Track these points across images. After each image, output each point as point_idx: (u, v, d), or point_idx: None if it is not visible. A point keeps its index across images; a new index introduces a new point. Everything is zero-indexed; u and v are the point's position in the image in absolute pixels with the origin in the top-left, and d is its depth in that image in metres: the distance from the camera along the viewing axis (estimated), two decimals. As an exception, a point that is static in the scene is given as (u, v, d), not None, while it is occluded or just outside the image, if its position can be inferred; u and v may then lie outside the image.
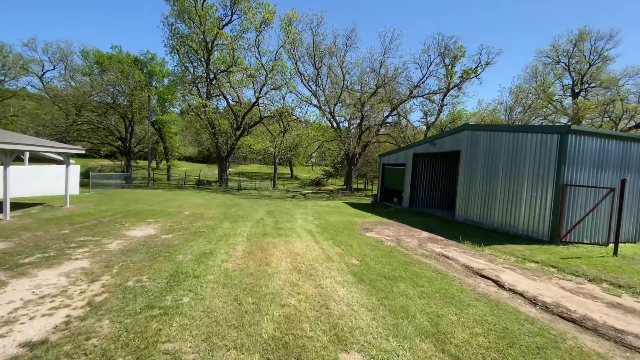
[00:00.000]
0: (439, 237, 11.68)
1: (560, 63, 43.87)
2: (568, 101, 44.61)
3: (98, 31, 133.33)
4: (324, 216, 15.85)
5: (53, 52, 46.38)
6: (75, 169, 21.68)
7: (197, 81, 32.63)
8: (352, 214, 16.88)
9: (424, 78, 31.53)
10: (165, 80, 43.11)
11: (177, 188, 31.46)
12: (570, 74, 43.41)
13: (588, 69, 42.56)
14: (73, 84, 40.58)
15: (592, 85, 43.65)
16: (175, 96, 34.40)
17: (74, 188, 21.38)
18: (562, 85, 44.40)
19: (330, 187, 47.36)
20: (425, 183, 19.60)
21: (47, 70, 46.56)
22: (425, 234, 12.27)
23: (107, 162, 55.61)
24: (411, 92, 31.49)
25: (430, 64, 31.17)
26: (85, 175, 29.60)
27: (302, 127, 50.12)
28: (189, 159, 73.58)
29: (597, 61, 42.68)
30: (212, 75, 32.74)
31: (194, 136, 42.85)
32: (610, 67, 42.71)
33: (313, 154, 48.83)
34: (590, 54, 42.40)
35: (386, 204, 22.51)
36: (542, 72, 45.62)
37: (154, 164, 62.83)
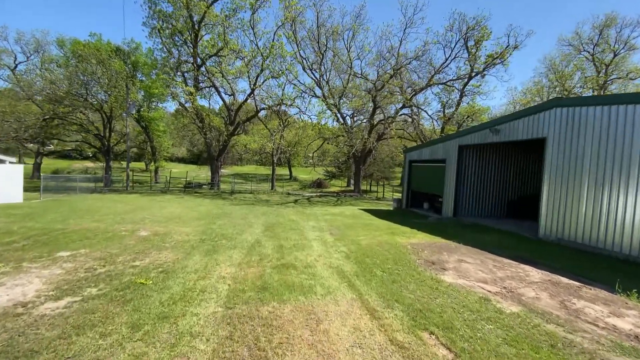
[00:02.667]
0: (566, 280, 6.51)
1: (583, 52, 39.21)
2: (589, 94, 40.00)
3: (92, 26, 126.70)
4: (348, 234, 10.59)
5: (27, 42, 40.76)
6: (12, 170, 16.16)
7: (182, 67, 27.22)
8: (384, 229, 11.64)
9: (448, 61, 26.42)
10: (153, 74, 37.57)
11: (160, 192, 26.01)
12: (594, 64, 38.66)
13: (613, 58, 37.96)
14: (48, 75, 34.99)
15: (614, 76, 39.16)
16: (162, 89, 28.90)
17: (15, 194, 15.90)
18: (585, 78, 39.66)
19: (333, 189, 42.13)
20: (475, 185, 14.45)
21: (20, 62, 40.85)
22: (533, 272, 7.07)
23: (91, 163, 49.97)
24: (432, 78, 26.35)
25: (456, 43, 26.09)
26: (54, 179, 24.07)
27: (302, 124, 45.01)
28: (181, 160, 67.92)
29: (621, 50, 38.12)
30: (200, 62, 27.37)
31: (179, 131, 37.28)
32: (634, 57, 38.18)
33: (314, 154, 43.50)
34: (615, 42, 37.86)
35: (416, 211, 17.32)
36: (561, 64, 41.02)
37: (142, 165, 57.20)
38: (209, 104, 56.13)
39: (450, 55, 26.17)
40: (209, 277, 5.85)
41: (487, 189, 14.69)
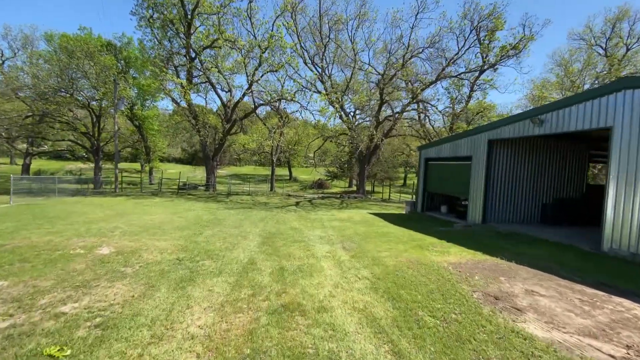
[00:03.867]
0: None
1: (595, 47, 37.14)
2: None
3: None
4: (366, 248, 8.38)
5: (14, 37, 38.54)
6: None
7: (174, 59, 24.98)
8: (408, 241, 9.43)
9: (461, 52, 24.07)
10: (147, 73, 35.14)
11: (151, 195, 23.75)
12: (606, 57, 36.53)
13: (626, 53, 35.92)
14: (29, 70, 32.64)
15: (626, 71, 37.06)
16: (151, 81, 26.59)
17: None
18: (597, 74, 37.54)
19: (335, 190, 39.91)
20: (507, 186, 12.25)
21: (8, 58, 38.53)
22: (638, 309, 4.88)
23: (82, 164, 47.64)
24: (443, 70, 24.14)
25: (470, 32, 23.83)
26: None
27: (302, 122, 42.76)
28: (179, 160, 65.59)
29: (634, 44, 36.07)
30: (194, 54, 25.13)
31: (171, 129, 35.00)
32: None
33: (315, 152, 41.28)
34: (628, 36, 35.82)
35: (434, 215, 15.12)
36: (569, 60, 38.97)
37: (138, 166, 54.80)
38: (205, 101, 53.86)
39: (463, 46, 23.98)
40: (169, 338, 3.63)
41: (520, 191, 12.49)
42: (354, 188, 39.53)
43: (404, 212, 16.98)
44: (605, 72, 36.40)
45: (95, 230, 9.53)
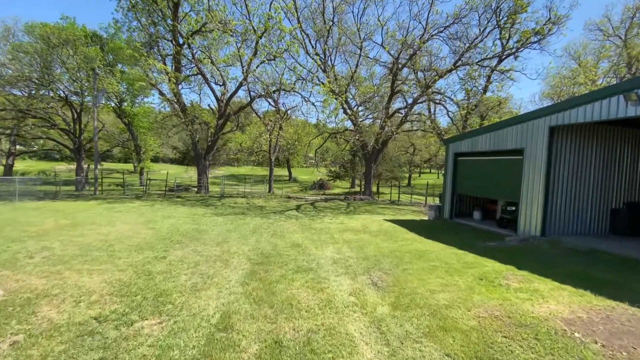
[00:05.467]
0: None
1: (612, 38, 34.30)
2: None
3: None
4: (409, 284, 5.39)
5: (-6, 29, 35.38)
6: None
7: (159, 45, 21.98)
8: (462, 268, 6.46)
9: (482, 36, 20.98)
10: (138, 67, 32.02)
11: (135, 198, 20.65)
12: (626, 47, 33.68)
13: (647, 42, 33.10)
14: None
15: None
16: (135, 72, 23.53)
17: None
18: (614, 65, 34.68)
19: (337, 191, 36.92)
20: (572, 187, 9.29)
21: (-13, 51, 35.37)
22: None
23: (66, 165, 44.44)
24: (462, 55, 21.10)
25: (493, 13, 20.78)
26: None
27: (301, 122, 39.88)
28: (175, 161, 62.45)
29: (654, 34, 33.28)
30: (182, 40, 22.08)
31: (157, 123, 31.95)
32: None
33: (317, 151, 38.32)
34: (647, 26, 33.01)
35: (465, 222, 12.13)
36: (584, 52, 36.21)
37: (130, 167, 51.61)
38: (200, 97, 50.79)
39: (485, 28, 20.96)
40: None
41: (585, 194, 9.55)
42: (357, 189, 36.56)
43: (426, 218, 13.99)
44: (624, 64, 33.61)
45: (10, 253, 6.51)
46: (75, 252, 6.75)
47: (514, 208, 10.35)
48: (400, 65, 20.82)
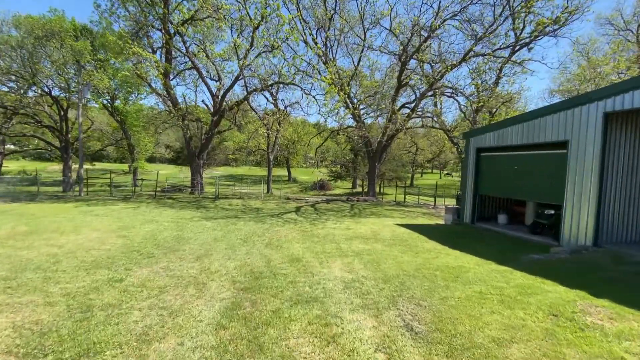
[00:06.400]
0: None
1: (624, 31, 32.69)
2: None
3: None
4: (459, 328, 3.71)
5: (-19, 22, 33.64)
6: None
7: (147, 31, 20.31)
8: (518, 295, 4.77)
9: (498, 22, 19.09)
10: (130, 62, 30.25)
11: (122, 199, 18.91)
12: (638, 41, 32.05)
13: (660, 36, 31.49)
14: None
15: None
16: (120, 60, 21.77)
17: None
18: (627, 59, 33.08)
19: (338, 191, 35.19)
20: (627, 186, 7.64)
21: (-27, 46, 33.61)
22: None
23: (57, 165, 42.67)
24: (476, 43, 19.41)
25: (508, 1, 19.08)
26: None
27: (301, 121, 38.20)
28: (172, 161, 60.68)
29: (667, 28, 31.68)
30: (173, 30, 20.38)
31: (146, 118, 30.23)
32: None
33: (317, 150, 36.62)
34: (661, 19, 31.43)
35: (490, 228, 10.44)
36: (591, 48, 34.60)
37: (125, 167, 49.83)
38: (195, 95, 49.06)
39: (500, 15, 19.27)
40: None
41: (643, 194, 7.89)
42: (359, 189, 34.88)
43: (442, 222, 12.30)
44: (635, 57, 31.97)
45: None
46: (1, 274, 5.04)
47: (552, 212, 8.67)
48: (409, 53, 19.08)
